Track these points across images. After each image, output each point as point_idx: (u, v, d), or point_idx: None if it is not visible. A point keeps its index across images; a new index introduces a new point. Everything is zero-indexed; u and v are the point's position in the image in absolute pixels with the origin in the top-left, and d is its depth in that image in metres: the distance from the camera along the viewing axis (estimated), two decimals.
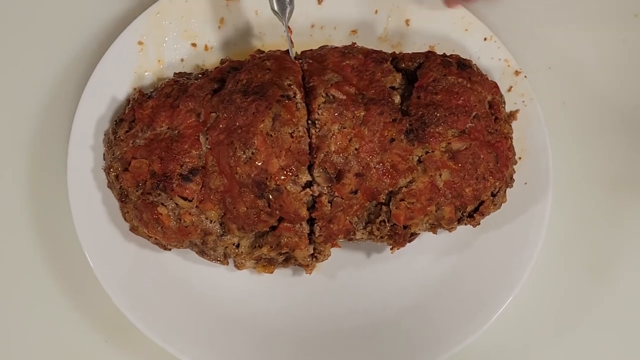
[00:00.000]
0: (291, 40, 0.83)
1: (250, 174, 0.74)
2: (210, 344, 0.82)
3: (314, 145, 0.76)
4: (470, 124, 0.77)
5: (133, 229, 0.80)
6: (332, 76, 0.78)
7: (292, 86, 0.77)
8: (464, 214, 0.79)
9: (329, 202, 0.76)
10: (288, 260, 0.81)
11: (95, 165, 0.83)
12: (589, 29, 0.97)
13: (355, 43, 0.85)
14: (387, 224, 0.78)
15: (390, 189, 0.77)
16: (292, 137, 0.75)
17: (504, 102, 0.84)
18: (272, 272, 0.83)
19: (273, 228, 0.78)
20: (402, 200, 0.77)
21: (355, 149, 0.76)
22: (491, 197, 0.79)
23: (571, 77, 0.95)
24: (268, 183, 0.74)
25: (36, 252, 0.89)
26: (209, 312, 0.84)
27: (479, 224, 0.80)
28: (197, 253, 0.81)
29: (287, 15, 0.82)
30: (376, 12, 0.90)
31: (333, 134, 0.76)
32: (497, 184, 0.78)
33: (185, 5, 0.88)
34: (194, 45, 0.89)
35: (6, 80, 0.92)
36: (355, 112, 0.76)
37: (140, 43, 0.87)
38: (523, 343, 0.90)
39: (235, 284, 0.86)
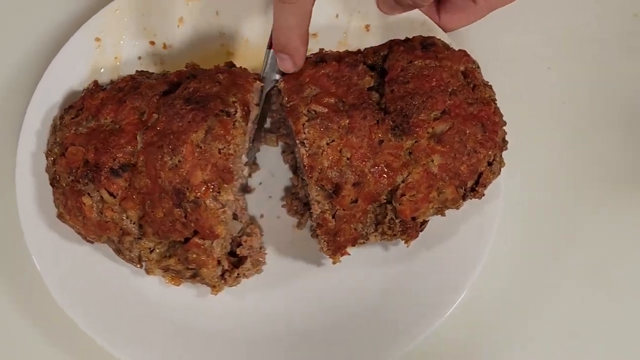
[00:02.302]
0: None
1: (172, 181, 0.74)
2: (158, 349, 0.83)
3: (306, 166, 0.75)
4: (448, 102, 0.75)
5: (59, 216, 0.80)
6: (310, 90, 0.77)
7: (235, 103, 0.77)
8: (466, 190, 0.78)
9: (332, 217, 0.76)
10: (195, 276, 0.80)
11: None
12: (589, 28, 0.96)
13: (323, 49, 0.83)
14: (396, 220, 0.78)
15: (389, 188, 0.76)
16: (220, 153, 0.74)
17: (479, 67, 0.81)
18: (178, 285, 0.82)
19: (187, 240, 0.77)
20: (402, 195, 0.76)
21: (348, 159, 0.75)
22: (488, 167, 0.77)
23: (571, 77, 0.95)
24: (187, 194, 0.74)
25: None
26: (161, 321, 0.84)
27: (484, 194, 0.79)
28: (114, 250, 0.81)
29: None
30: (337, 16, 0.89)
31: (323, 150, 0.75)
32: (490, 153, 0.76)
33: (145, 3, 0.88)
34: (152, 43, 0.89)
35: None
36: (340, 122, 0.75)
37: (97, 39, 0.87)
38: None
39: (188, 292, 0.85)
